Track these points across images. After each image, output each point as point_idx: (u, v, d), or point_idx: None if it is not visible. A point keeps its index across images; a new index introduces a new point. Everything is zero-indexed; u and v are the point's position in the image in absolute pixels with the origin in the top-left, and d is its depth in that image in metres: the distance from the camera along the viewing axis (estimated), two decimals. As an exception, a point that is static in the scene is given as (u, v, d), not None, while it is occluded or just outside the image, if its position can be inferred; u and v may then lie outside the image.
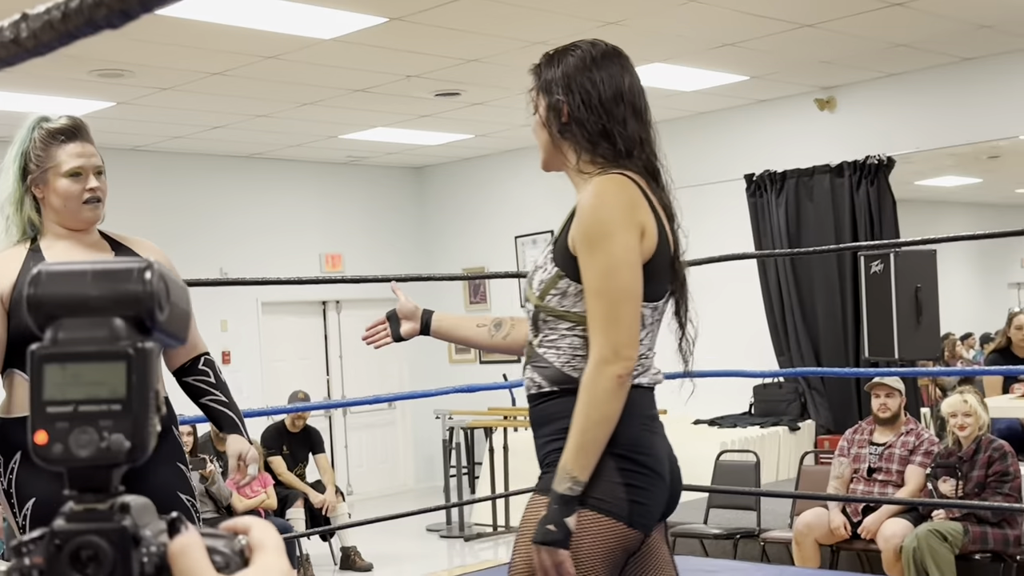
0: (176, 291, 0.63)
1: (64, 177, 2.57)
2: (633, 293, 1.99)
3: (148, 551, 0.59)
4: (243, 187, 10.04)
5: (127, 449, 0.59)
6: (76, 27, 0.59)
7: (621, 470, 1.98)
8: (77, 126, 2.62)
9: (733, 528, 6.06)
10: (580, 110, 2.07)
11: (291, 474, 7.35)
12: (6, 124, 7.84)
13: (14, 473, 2.54)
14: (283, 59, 6.79)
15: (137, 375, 0.59)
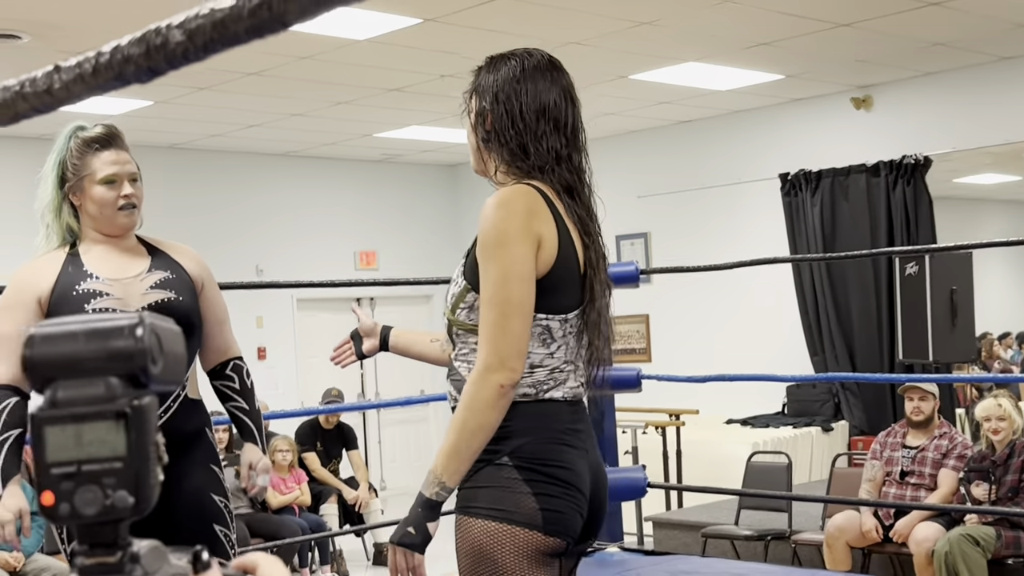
0: (169, 340, 0.64)
1: (99, 184, 2.62)
2: (524, 304, 1.97)
3: None
4: (279, 184, 10.12)
5: (131, 504, 0.61)
6: (106, 81, 0.62)
7: (529, 481, 1.97)
8: (112, 134, 2.66)
9: (764, 530, 6.04)
10: (502, 121, 2.06)
11: (325, 470, 7.42)
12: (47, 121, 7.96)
13: None
14: (318, 59, 6.84)
15: (136, 431, 0.61)
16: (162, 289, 2.64)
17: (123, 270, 2.64)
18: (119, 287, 2.60)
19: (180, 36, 0.57)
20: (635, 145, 9.93)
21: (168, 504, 2.64)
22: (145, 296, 2.62)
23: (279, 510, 6.81)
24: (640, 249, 9.97)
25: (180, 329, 0.68)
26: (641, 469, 4.67)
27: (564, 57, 2.14)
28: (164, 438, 2.30)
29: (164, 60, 0.58)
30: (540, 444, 2.00)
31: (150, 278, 2.64)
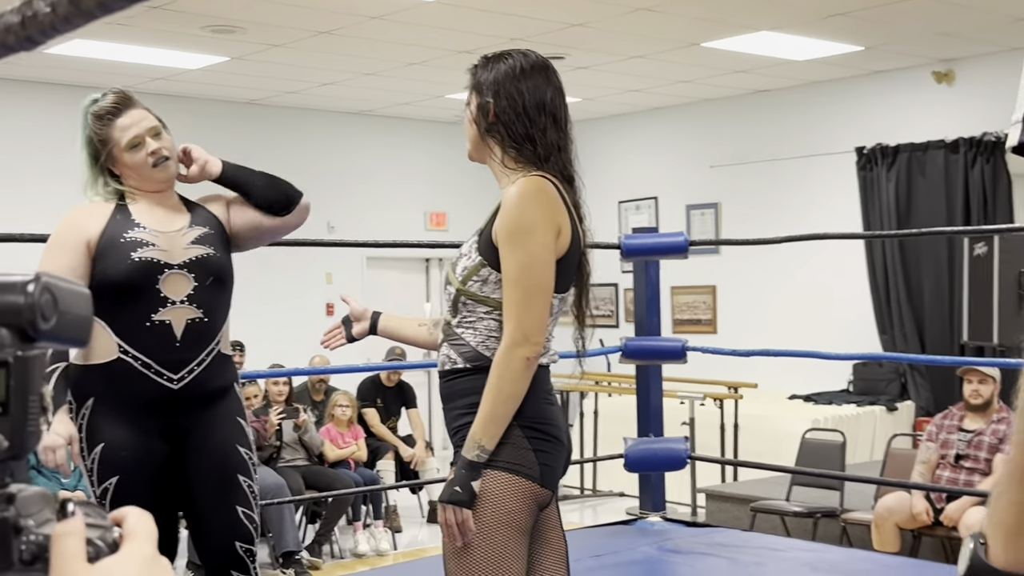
0: (68, 299, 0.67)
1: (126, 151, 2.71)
2: (545, 286, 2.21)
3: (27, 539, 0.64)
4: (352, 143, 10.22)
5: (5, 448, 0.64)
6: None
7: (530, 438, 2.22)
8: (120, 100, 2.75)
9: (814, 507, 6.00)
10: (506, 113, 2.28)
11: (383, 427, 7.53)
12: (128, 75, 8.15)
13: (85, 418, 2.67)
14: (389, 19, 6.87)
15: (17, 381, 0.64)
16: (201, 245, 2.72)
17: (167, 223, 2.73)
18: (164, 239, 2.69)
19: (46, 8, 0.59)
20: (708, 114, 9.81)
21: (196, 453, 2.75)
22: (187, 250, 2.70)
23: (335, 464, 6.94)
24: (711, 219, 9.88)
25: (88, 292, 0.71)
26: (683, 440, 4.67)
27: (634, 24, 2.12)
28: (196, 390, 2.46)
29: (36, 30, 0.61)
30: (535, 406, 2.24)
31: (191, 233, 2.73)
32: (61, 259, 2.65)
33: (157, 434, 2.69)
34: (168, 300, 2.65)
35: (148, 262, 2.65)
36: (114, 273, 2.64)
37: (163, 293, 2.65)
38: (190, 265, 2.69)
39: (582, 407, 8.71)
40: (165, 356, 2.64)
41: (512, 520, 2.20)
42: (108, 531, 0.66)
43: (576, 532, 5.47)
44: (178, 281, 2.67)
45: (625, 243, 4.54)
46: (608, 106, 9.98)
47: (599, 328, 3.04)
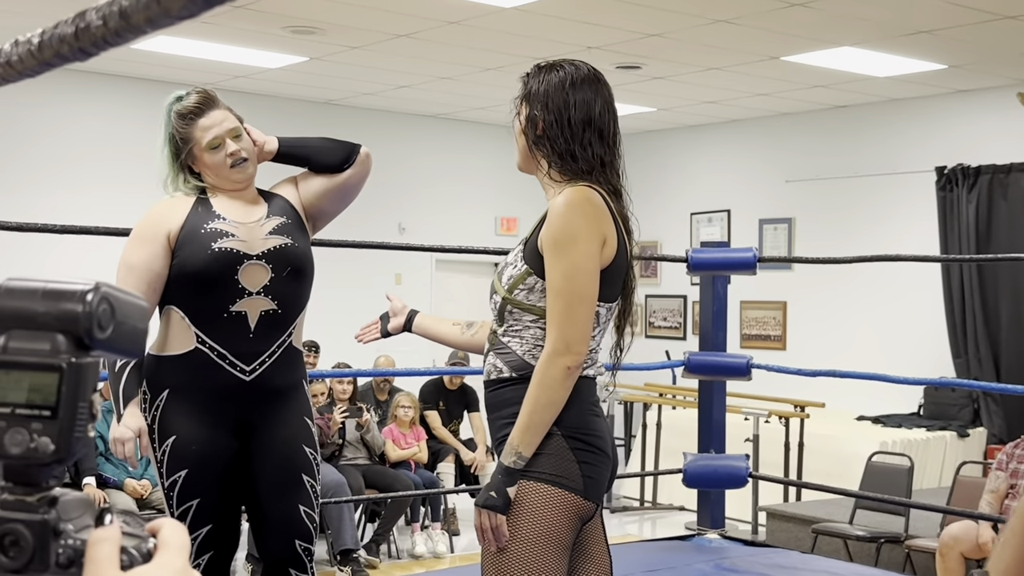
0: (126, 311, 0.69)
1: (206, 151, 2.75)
2: (589, 296, 2.21)
3: (65, 543, 0.65)
4: (426, 145, 10.28)
5: (51, 451, 0.66)
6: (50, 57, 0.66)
7: (574, 450, 2.21)
8: (203, 100, 2.79)
9: (879, 532, 5.89)
10: (552, 128, 2.28)
11: (445, 429, 7.56)
12: (209, 72, 8.29)
13: (159, 410, 2.71)
14: (466, 24, 6.90)
15: (68, 387, 0.66)
16: (279, 235, 2.75)
17: (247, 215, 2.77)
18: (244, 230, 2.72)
19: (97, 21, 0.60)
20: (784, 128, 9.70)
21: (262, 451, 2.79)
22: (265, 241, 2.73)
23: (396, 464, 6.98)
24: (784, 234, 9.76)
25: (145, 305, 0.72)
26: (744, 458, 4.62)
27: (713, 36, 2.08)
28: (267, 383, 2.48)
29: (89, 42, 0.62)
30: (580, 417, 2.24)
31: (269, 224, 2.76)
32: (141, 252, 2.70)
33: (227, 429, 2.71)
34: (245, 291, 2.67)
35: (227, 252, 2.68)
36: (193, 263, 2.67)
37: (241, 284, 2.67)
38: (268, 255, 2.71)
39: (645, 419, 8.66)
40: (239, 347, 2.67)
41: (552, 532, 2.19)
42: (143, 541, 0.68)
43: (632, 545, 5.44)
44: (256, 272, 2.69)
45: (693, 257, 4.50)
46: (683, 117, 9.91)
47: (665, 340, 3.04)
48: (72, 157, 8.48)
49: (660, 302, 10.58)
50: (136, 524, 0.69)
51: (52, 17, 0.81)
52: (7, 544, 0.65)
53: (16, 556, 0.65)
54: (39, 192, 8.14)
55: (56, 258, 7.94)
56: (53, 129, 8.44)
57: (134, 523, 0.69)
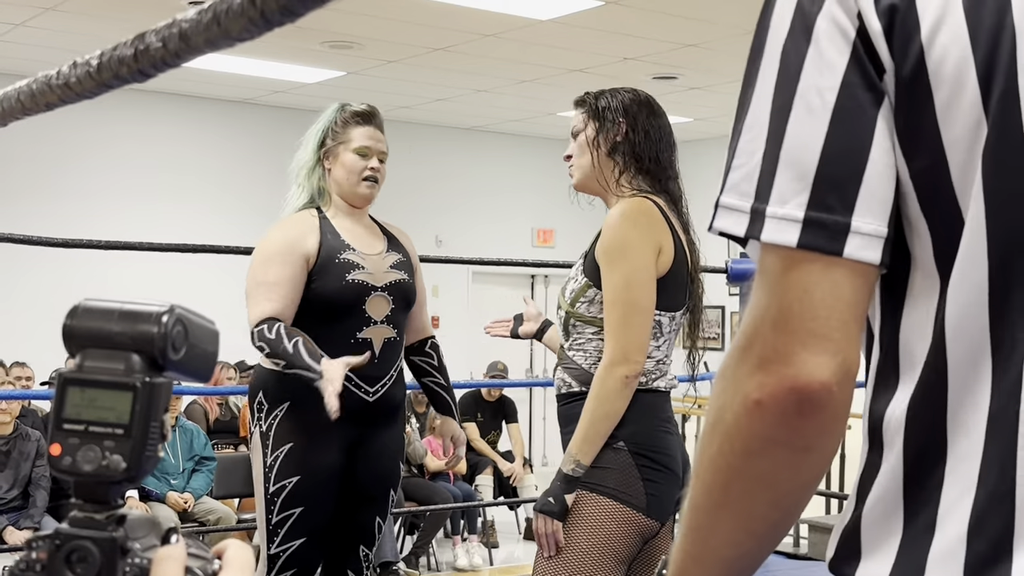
0: (199, 334, 0.70)
1: (353, 152, 2.85)
2: (645, 305, 2.24)
3: (132, 562, 0.66)
4: (463, 158, 10.31)
5: (123, 469, 0.66)
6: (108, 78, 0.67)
7: (640, 467, 2.23)
8: (373, 113, 2.91)
9: (923, 544, 5.81)
10: (636, 137, 2.39)
11: (483, 441, 7.56)
12: (247, 87, 8.37)
13: (276, 419, 2.79)
14: (502, 37, 6.93)
15: (141, 405, 0.67)
16: (398, 270, 2.86)
17: (371, 246, 2.87)
18: (370, 262, 2.83)
19: (157, 43, 0.61)
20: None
21: (367, 464, 2.85)
22: (387, 274, 2.84)
23: (434, 475, 6.98)
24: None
25: (216, 330, 0.74)
26: (786, 470, 4.58)
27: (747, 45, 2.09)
28: (385, 404, 2.62)
29: (148, 63, 0.62)
30: (649, 432, 2.27)
31: (389, 258, 2.87)
32: (284, 270, 2.77)
33: (342, 446, 2.80)
34: (371, 320, 2.79)
35: (359, 284, 2.79)
36: (328, 292, 2.77)
37: (367, 313, 2.79)
38: (389, 288, 2.82)
39: (684, 430, 8.61)
40: (365, 371, 2.76)
41: (609, 546, 2.21)
42: (208, 563, 0.68)
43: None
44: (379, 303, 2.80)
45: (733, 267, 4.48)
46: (720, 127, 9.88)
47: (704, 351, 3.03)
48: (112, 173, 8.58)
49: (698, 313, 10.53)
50: (199, 547, 0.70)
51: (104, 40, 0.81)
52: (75, 561, 0.66)
53: (84, 573, 0.66)
54: (83, 208, 8.24)
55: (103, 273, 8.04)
56: (95, 146, 8.54)
57: (197, 546, 0.70)
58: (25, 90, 0.72)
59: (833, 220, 0.81)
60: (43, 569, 0.66)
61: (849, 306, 0.82)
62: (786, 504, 0.88)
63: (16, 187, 8.14)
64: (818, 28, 0.83)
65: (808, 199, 0.82)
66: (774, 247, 0.84)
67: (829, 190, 0.81)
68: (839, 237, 0.81)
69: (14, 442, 5.59)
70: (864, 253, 0.81)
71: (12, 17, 6.63)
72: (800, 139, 0.82)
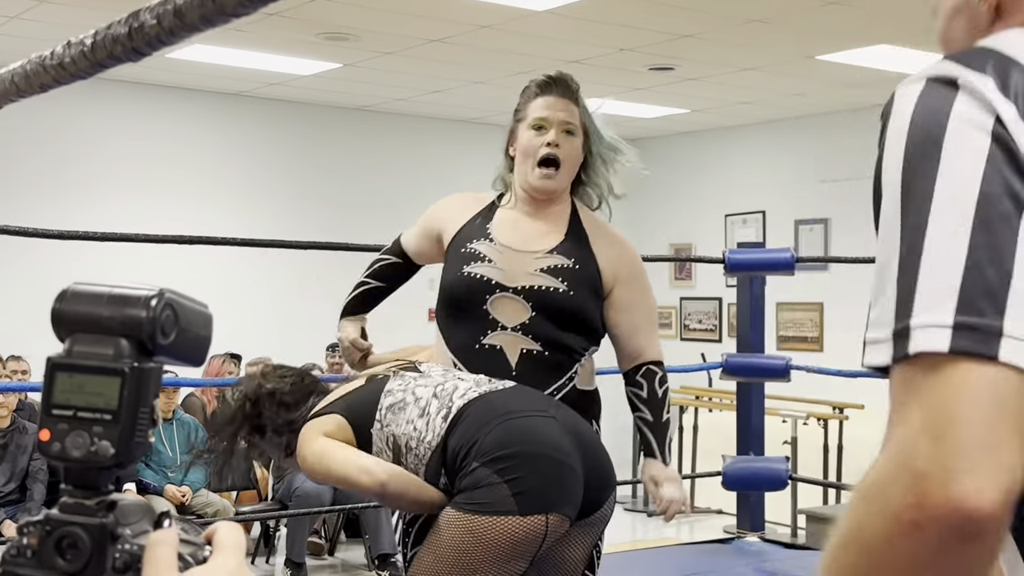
0: (190, 318, 0.69)
1: (526, 128, 2.47)
2: None
3: (122, 548, 0.65)
4: (458, 150, 10.30)
5: (111, 455, 0.66)
6: (103, 58, 0.66)
7: (497, 471, 2.03)
8: (554, 79, 2.52)
9: (921, 534, 5.82)
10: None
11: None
12: (243, 80, 8.34)
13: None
14: (498, 29, 6.91)
15: (130, 391, 0.66)
16: (552, 276, 2.40)
17: (525, 242, 2.44)
18: (507, 258, 2.40)
19: (151, 20, 0.60)
20: (819, 128, 9.63)
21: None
22: (530, 276, 2.40)
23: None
24: (819, 235, 9.70)
25: (210, 313, 0.73)
26: (784, 460, 4.59)
27: (746, 36, 2.02)
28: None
29: (143, 41, 0.62)
30: (484, 437, 2.19)
31: (546, 260, 2.42)
32: (420, 230, 2.61)
33: None
34: (499, 324, 2.36)
35: (477, 279, 2.38)
36: (446, 284, 2.44)
37: (492, 315, 2.36)
38: (527, 293, 2.37)
39: (682, 421, 8.62)
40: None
41: (492, 565, 2.04)
42: (200, 549, 0.68)
43: (672, 548, 5.41)
44: (510, 306, 2.37)
45: (730, 258, 4.47)
46: (717, 118, 9.87)
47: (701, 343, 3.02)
48: (108, 166, 8.56)
49: (695, 304, 10.53)
50: (193, 531, 0.70)
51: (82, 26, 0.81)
52: (65, 547, 0.65)
53: (73, 559, 0.65)
54: (80, 201, 8.22)
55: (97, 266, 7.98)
56: (91, 139, 8.52)
57: (191, 530, 0.70)
58: (19, 71, 0.71)
59: (985, 323, 0.75)
60: (34, 555, 0.65)
61: (1012, 415, 0.74)
62: None
63: (13, 180, 8.12)
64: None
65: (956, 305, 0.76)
66: (922, 357, 0.77)
67: (978, 296, 0.76)
68: (992, 340, 0.75)
69: (11, 435, 5.59)
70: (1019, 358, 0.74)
71: (7, 10, 6.61)
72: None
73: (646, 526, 7.98)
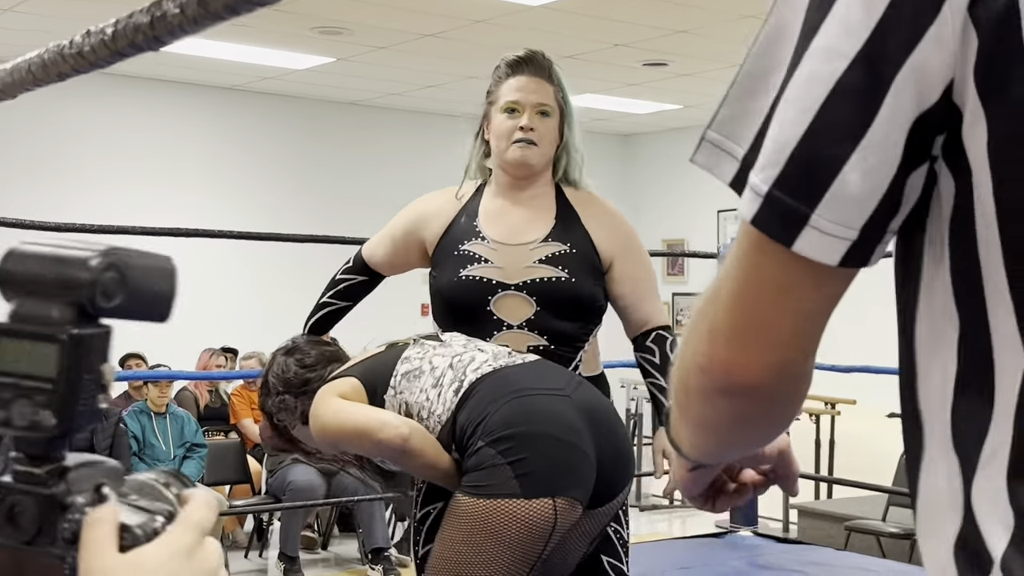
0: (141, 276, 0.65)
1: (499, 112, 2.39)
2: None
3: (71, 518, 0.63)
4: (454, 144, 10.26)
5: (52, 424, 0.63)
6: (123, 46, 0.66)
7: (500, 452, 1.95)
8: (526, 58, 2.42)
9: (913, 529, 5.83)
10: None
11: (474, 428, 7.55)
12: (235, 74, 8.33)
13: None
14: (492, 23, 6.91)
15: (69, 359, 0.62)
16: (551, 265, 2.34)
17: (516, 234, 2.38)
18: (503, 254, 2.35)
19: (175, 9, 0.61)
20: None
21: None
22: (529, 269, 2.33)
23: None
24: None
25: (173, 267, 0.68)
26: (777, 455, 4.60)
27: (740, 31, 2.03)
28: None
29: (165, 30, 0.62)
30: (493, 415, 2.17)
31: (542, 250, 2.36)
32: (399, 234, 2.50)
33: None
34: (504, 323, 2.31)
35: (477, 281, 2.31)
36: (443, 288, 2.35)
37: (496, 316, 2.30)
38: (529, 287, 2.32)
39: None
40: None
41: (512, 550, 1.96)
42: (152, 518, 0.64)
43: (665, 543, 5.42)
44: (514, 303, 2.31)
45: (724, 252, 4.48)
46: (710, 113, 9.85)
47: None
48: (99, 158, 8.54)
49: (687, 300, 10.55)
50: (152, 497, 0.66)
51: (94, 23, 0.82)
52: (15, 514, 0.63)
53: (23, 528, 0.63)
54: (74, 193, 8.20)
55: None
56: (86, 131, 8.50)
57: (150, 495, 0.66)
58: (36, 60, 0.71)
59: (793, 205, 0.73)
60: None
61: (791, 301, 0.76)
62: (727, 438, 0.88)
63: (9, 172, 8.10)
64: None
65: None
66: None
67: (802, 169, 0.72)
68: (792, 225, 0.73)
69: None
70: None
71: (1, 3, 6.59)
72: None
73: (638, 520, 7.99)
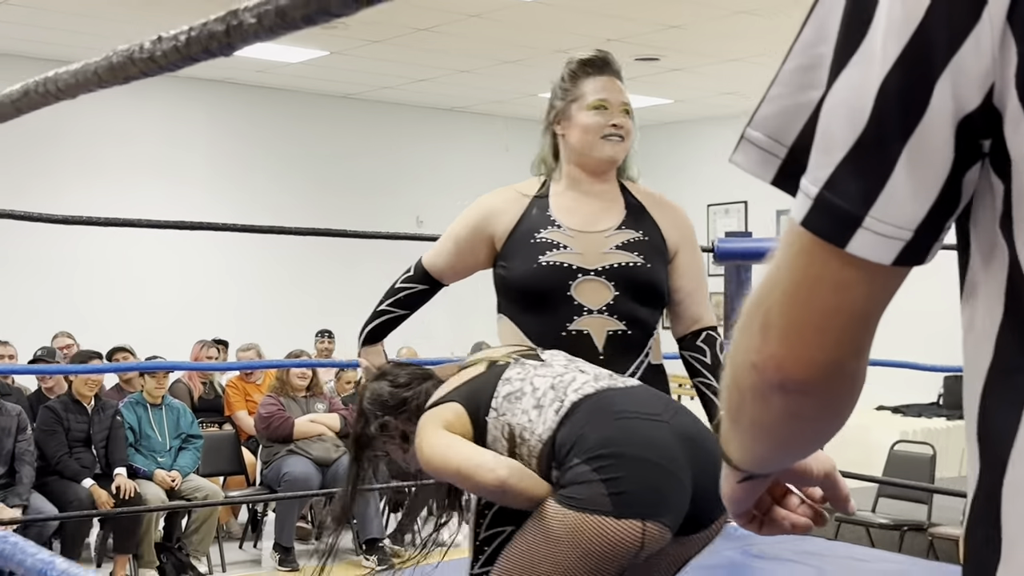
0: None
1: (588, 110, 2.45)
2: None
3: None
4: (444, 138, 10.33)
5: None
6: (196, 52, 0.70)
7: (595, 469, 1.96)
8: (607, 60, 2.51)
9: (902, 520, 5.92)
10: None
11: (467, 420, 7.60)
12: (229, 67, 8.34)
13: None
14: (487, 18, 6.95)
15: None
16: (627, 251, 2.41)
17: (591, 222, 2.44)
18: (581, 241, 2.41)
19: (251, 19, 0.64)
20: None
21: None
22: (606, 256, 2.40)
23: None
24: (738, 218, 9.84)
25: None
26: (771, 446, 4.65)
27: (732, 27, 2.07)
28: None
29: (239, 38, 0.66)
30: (593, 433, 2.16)
31: (617, 237, 2.43)
32: (465, 233, 2.50)
33: None
34: (584, 308, 2.36)
35: (557, 267, 2.37)
36: (520, 276, 2.39)
37: (576, 300, 2.36)
38: (608, 272, 2.39)
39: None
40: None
41: (589, 565, 1.95)
42: None
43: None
44: (593, 288, 2.37)
45: (719, 247, 4.53)
46: (701, 108, 9.94)
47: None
48: (91, 151, 8.55)
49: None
50: None
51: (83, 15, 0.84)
52: None
53: None
54: (63, 185, 8.21)
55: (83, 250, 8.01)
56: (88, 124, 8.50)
57: None
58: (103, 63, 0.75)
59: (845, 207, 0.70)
60: None
61: (847, 303, 0.73)
62: (782, 439, 0.86)
63: (12, 165, 8.10)
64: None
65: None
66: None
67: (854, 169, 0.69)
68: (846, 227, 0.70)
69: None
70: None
71: (-6, -6, 6.60)
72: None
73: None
